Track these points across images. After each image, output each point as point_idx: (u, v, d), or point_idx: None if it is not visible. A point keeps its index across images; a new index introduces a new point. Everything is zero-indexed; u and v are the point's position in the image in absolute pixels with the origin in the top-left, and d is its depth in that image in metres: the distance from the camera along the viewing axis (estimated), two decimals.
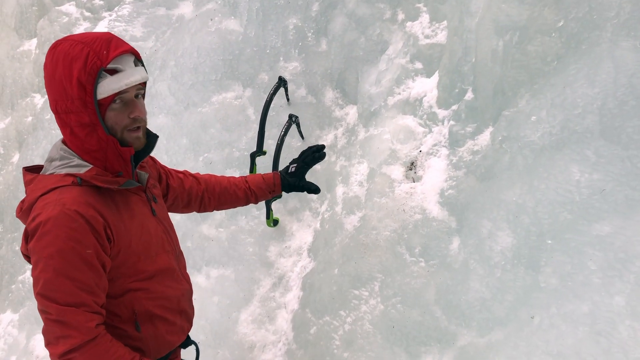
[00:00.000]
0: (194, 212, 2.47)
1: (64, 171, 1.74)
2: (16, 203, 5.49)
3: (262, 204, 3.51)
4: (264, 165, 3.58)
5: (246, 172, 3.66)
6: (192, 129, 4.00)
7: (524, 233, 2.08)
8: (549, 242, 1.98)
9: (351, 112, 3.58)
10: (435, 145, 2.75)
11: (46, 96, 5.65)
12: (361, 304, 2.60)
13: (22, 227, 5.14)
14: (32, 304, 4.78)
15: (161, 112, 4.17)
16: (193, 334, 2.22)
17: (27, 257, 1.76)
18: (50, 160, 1.80)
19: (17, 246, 5.40)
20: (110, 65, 1.69)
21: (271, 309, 3.25)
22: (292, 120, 3.50)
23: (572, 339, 1.71)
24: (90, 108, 1.68)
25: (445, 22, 3.02)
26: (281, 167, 3.44)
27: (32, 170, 1.85)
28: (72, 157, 1.76)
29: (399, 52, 3.20)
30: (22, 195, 5.32)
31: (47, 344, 1.69)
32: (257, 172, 3.57)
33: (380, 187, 2.86)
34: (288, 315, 3.14)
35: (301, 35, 3.87)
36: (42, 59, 5.74)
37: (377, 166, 2.96)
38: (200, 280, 3.50)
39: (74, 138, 1.76)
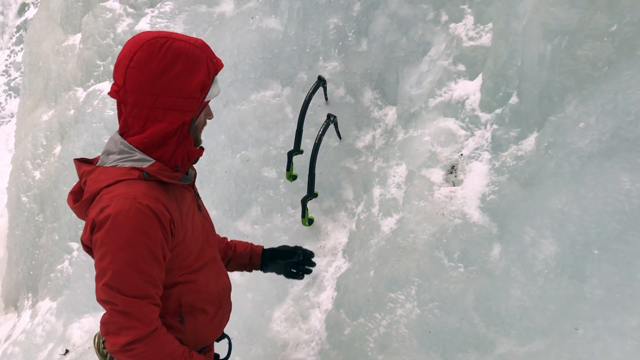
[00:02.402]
0: (231, 208, 2.50)
1: (127, 164, 1.76)
2: (57, 194, 5.64)
3: (298, 202, 3.52)
4: (301, 164, 3.59)
5: (283, 170, 3.67)
6: (231, 126, 4.03)
7: (569, 242, 2.04)
8: (596, 252, 1.93)
9: (390, 113, 3.56)
10: (477, 149, 2.71)
11: (90, 89, 5.78)
12: (397, 308, 2.58)
13: (63, 216, 5.22)
14: (70, 293, 4.90)
15: None
16: (226, 329, 2.26)
17: (87, 248, 1.80)
18: (108, 153, 1.82)
19: (57, 236, 5.54)
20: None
21: (304, 308, 3.25)
22: (330, 119, 3.50)
23: (619, 353, 1.67)
24: (197, 109, 1.79)
25: (490, 25, 2.97)
26: (318, 166, 3.46)
27: (84, 162, 1.88)
28: (132, 151, 1.78)
29: (442, 53, 3.17)
30: (63, 186, 5.47)
31: (107, 334, 1.72)
32: (293, 171, 3.60)
33: (419, 190, 2.83)
34: (321, 315, 3.14)
35: (341, 35, 3.87)
36: (86, 53, 5.88)
37: (416, 168, 2.93)
38: (235, 276, 3.52)
39: (157, 133, 1.76)
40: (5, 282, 7.68)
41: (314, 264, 2.59)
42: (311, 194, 3.43)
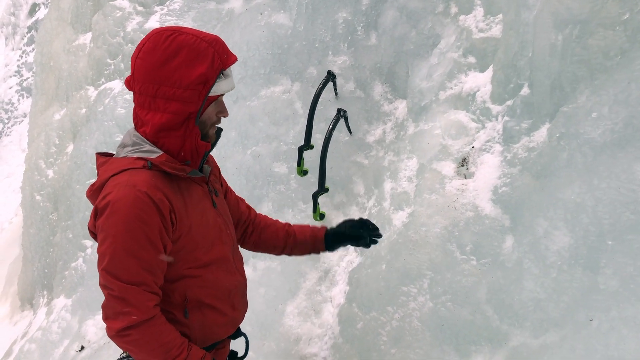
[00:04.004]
0: None
1: (135, 155, 1.80)
2: (70, 192, 5.69)
3: (309, 197, 3.52)
4: (311, 159, 3.59)
5: (294, 165, 3.68)
6: (241, 122, 4.04)
7: (582, 233, 2.02)
8: (610, 242, 1.92)
9: (400, 107, 3.55)
10: (488, 141, 2.70)
11: (101, 88, 5.81)
12: (409, 301, 2.58)
13: (77, 215, 5.27)
14: (85, 290, 4.95)
15: None
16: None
17: (93, 234, 1.83)
18: (123, 146, 1.87)
19: (71, 234, 5.60)
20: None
21: (317, 303, 3.26)
22: (341, 114, 3.50)
23: (634, 344, 1.66)
24: (199, 101, 1.78)
25: (500, 16, 2.95)
26: (329, 161, 3.46)
27: (104, 155, 1.93)
28: (143, 143, 1.82)
29: (452, 46, 3.15)
30: (76, 184, 5.51)
31: (106, 318, 1.75)
32: (304, 167, 3.60)
33: (430, 183, 2.83)
34: (334, 309, 3.14)
35: (351, 29, 3.86)
36: (97, 52, 5.91)
37: (427, 162, 2.92)
38: (248, 271, 3.52)
39: (158, 123, 1.79)
40: (21, 280, 7.77)
41: (380, 236, 2.43)
42: (322, 188, 3.43)
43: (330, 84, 3.70)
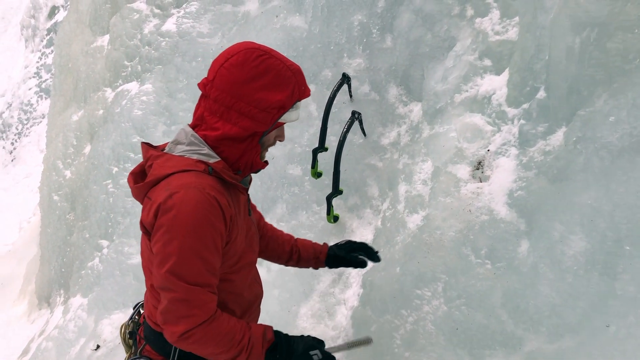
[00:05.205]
0: (257, 206, 2.52)
1: (194, 157, 1.83)
2: (87, 193, 5.76)
3: (323, 199, 3.53)
4: (325, 161, 3.59)
5: (308, 167, 3.69)
6: None
7: (599, 238, 2.00)
8: (628, 248, 1.89)
9: (415, 109, 3.54)
10: (504, 144, 2.68)
11: (118, 89, 5.87)
12: (423, 304, 2.57)
13: (93, 215, 5.30)
14: (100, 290, 5.00)
15: None
16: None
17: (145, 229, 1.83)
18: (176, 142, 1.90)
19: (87, 234, 5.65)
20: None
21: (331, 305, 3.26)
22: (355, 117, 3.50)
23: None
24: (269, 124, 1.86)
25: (516, 19, 2.93)
26: (343, 163, 3.46)
27: (153, 147, 1.96)
28: (202, 145, 1.85)
29: (467, 48, 3.13)
30: (93, 185, 5.57)
31: (165, 323, 1.75)
32: (318, 169, 3.60)
33: (445, 187, 2.81)
34: (347, 311, 3.14)
35: (366, 31, 3.86)
36: (114, 54, 5.97)
37: (442, 165, 2.91)
38: (262, 273, 3.53)
39: (227, 133, 1.84)
40: (38, 278, 7.89)
41: (379, 259, 2.57)
42: (336, 191, 3.44)
43: (345, 86, 3.70)
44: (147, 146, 1.95)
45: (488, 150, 2.76)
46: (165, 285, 1.73)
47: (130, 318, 2.30)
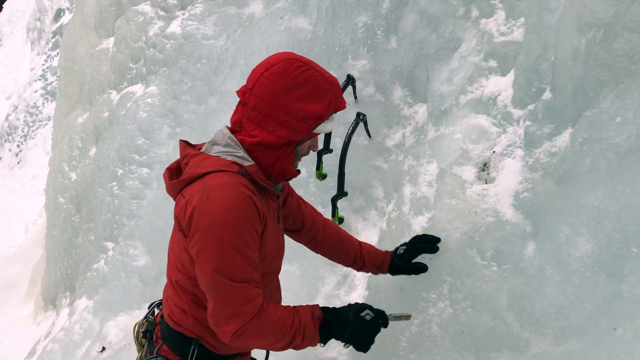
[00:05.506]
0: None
1: (229, 158, 1.86)
2: (93, 195, 5.77)
3: (328, 201, 3.53)
4: (330, 163, 3.59)
5: (313, 169, 3.68)
6: None
7: (605, 240, 1.99)
8: (634, 249, 1.88)
9: (420, 111, 3.53)
10: (509, 145, 2.67)
11: (123, 92, 5.89)
12: (429, 307, 2.56)
13: (99, 217, 5.30)
14: (106, 292, 5.01)
15: (231, 109, 4.22)
16: None
17: (179, 224, 1.85)
18: (213, 143, 1.93)
19: (93, 236, 5.66)
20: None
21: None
22: (360, 118, 3.49)
23: None
24: (305, 134, 1.89)
25: (522, 19, 2.92)
26: (348, 165, 3.46)
27: (190, 146, 1.99)
28: (237, 147, 1.89)
29: (472, 49, 3.12)
30: (98, 187, 5.59)
31: (217, 324, 1.78)
32: (323, 170, 3.60)
33: (451, 188, 2.80)
34: None
35: (370, 33, 3.85)
36: (119, 57, 5.99)
37: (448, 166, 2.90)
38: None
39: (264, 140, 1.87)
40: (44, 280, 7.91)
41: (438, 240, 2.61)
42: (341, 192, 3.43)
43: (350, 87, 3.70)
44: (184, 144, 1.99)
45: (493, 151, 2.75)
46: (211, 284, 1.76)
47: (145, 317, 2.32)
